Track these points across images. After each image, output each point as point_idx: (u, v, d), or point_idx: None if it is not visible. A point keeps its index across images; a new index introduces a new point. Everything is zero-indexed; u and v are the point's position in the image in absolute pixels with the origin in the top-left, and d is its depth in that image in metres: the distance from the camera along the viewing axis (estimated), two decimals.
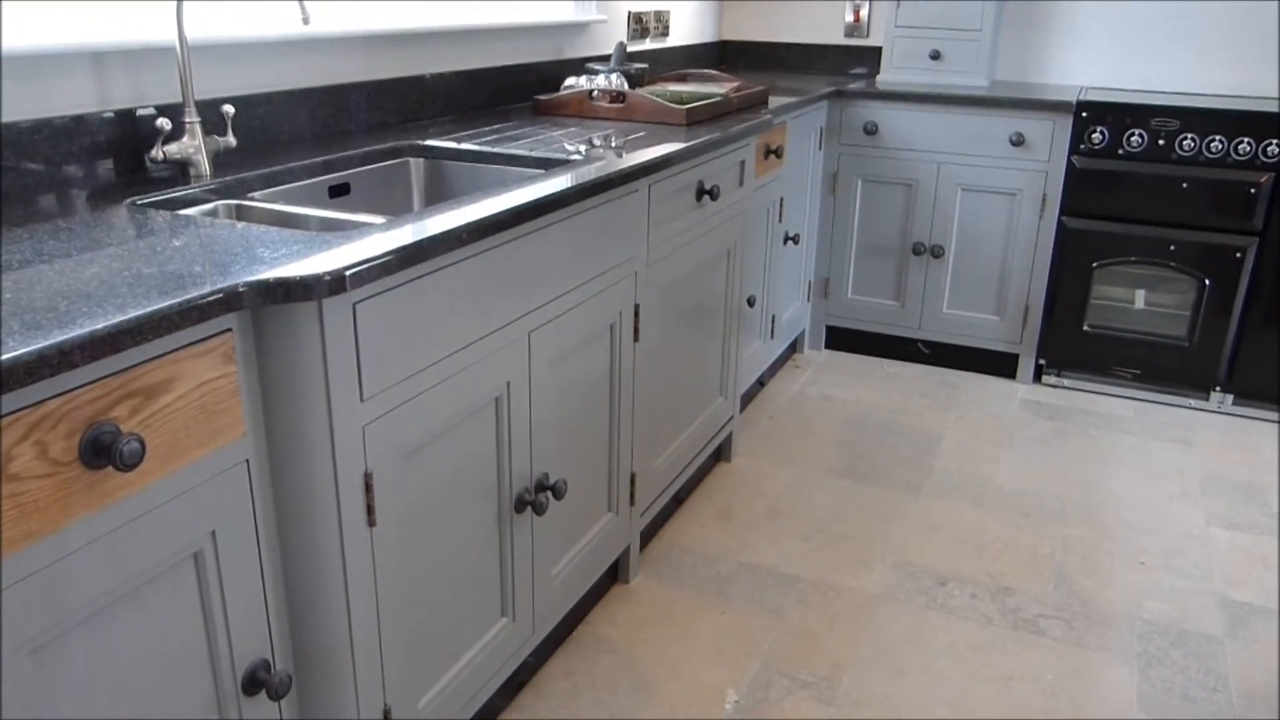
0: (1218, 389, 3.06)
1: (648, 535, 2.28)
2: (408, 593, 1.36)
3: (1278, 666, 1.93)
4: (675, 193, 2.02)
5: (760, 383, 3.15)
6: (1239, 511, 2.50)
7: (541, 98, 2.40)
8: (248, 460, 1.09)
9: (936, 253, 3.22)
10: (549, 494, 1.67)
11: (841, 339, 3.49)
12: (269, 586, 1.16)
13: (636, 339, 1.93)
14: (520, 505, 1.60)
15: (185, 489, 1.02)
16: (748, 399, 3.04)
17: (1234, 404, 3.06)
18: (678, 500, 2.44)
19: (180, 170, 1.58)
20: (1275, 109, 2.83)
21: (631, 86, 2.51)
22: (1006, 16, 3.48)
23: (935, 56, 3.29)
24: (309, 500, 1.16)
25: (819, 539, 2.33)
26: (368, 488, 1.23)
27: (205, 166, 1.56)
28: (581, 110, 2.36)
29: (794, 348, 3.45)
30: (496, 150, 1.91)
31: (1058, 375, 3.24)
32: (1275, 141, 2.76)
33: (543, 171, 1.81)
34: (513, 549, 1.61)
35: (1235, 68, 3.24)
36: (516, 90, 2.57)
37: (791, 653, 1.94)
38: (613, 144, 1.98)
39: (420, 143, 1.95)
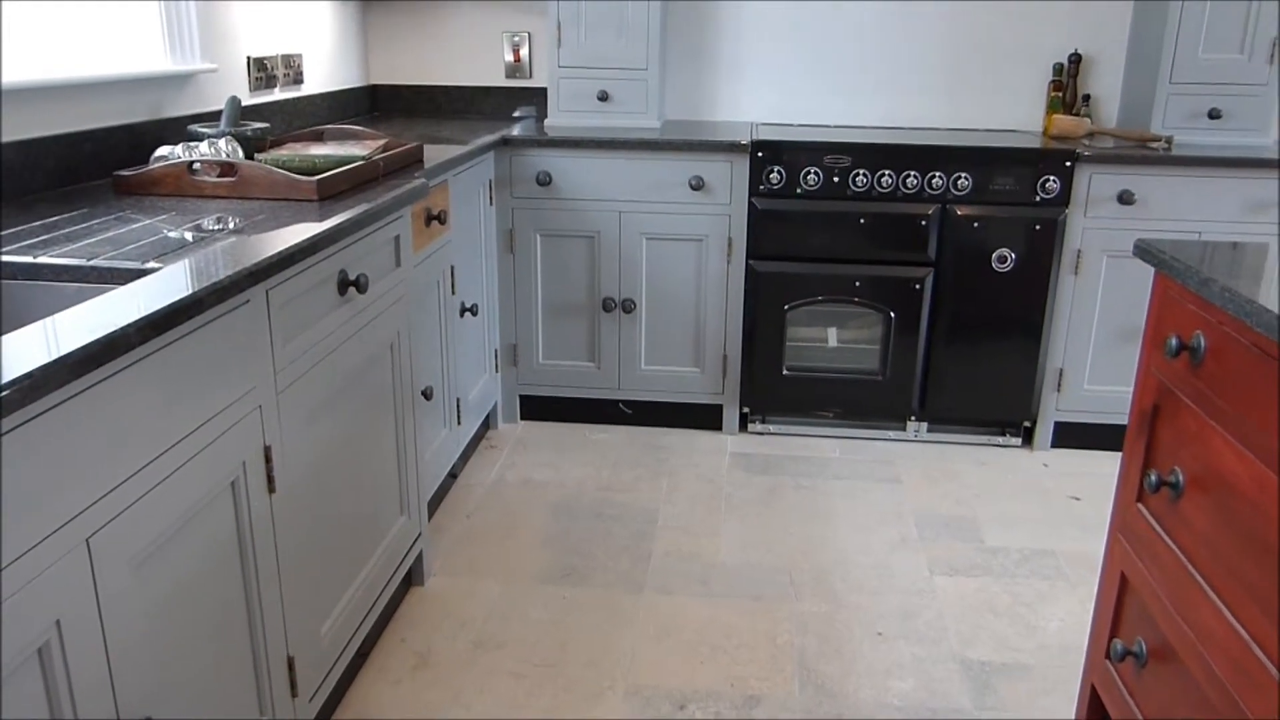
0: (913, 418, 3.07)
1: (325, 715, 1.82)
2: None
3: None
4: (308, 292, 1.59)
5: (452, 475, 2.75)
6: (956, 552, 2.45)
7: (125, 173, 1.87)
8: None
9: (628, 307, 2.99)
10: None
11: (537, 408, 3.17)
12: None
13: (272, 490, 1.48)
14: None
15: None
16: (439, 497, 2.63)
17: (929, 431, 3.08)
18: (362, 655, 1.99)
19: None
20: (937, 141, 2.87)
21: (249, 152, 2.04)
22: (672, 54, 3.34)
23: (604, 98, 3.07)
24: None
25: (537, 674, 1.97)
26: None
27: None
28: (181, 188, 1.86)
29: (487, 424, 3.09)
30: (39, 260, 1.38)
31: (763, 422, 3.12)
32: (939, 174, 2.79)
33: (114, 286, 1.33)
34: None
35: (900, 99, 3.31)
36: (99, 163, 2.01)
37: None
38: (227, 230, 1.52)
39: None
